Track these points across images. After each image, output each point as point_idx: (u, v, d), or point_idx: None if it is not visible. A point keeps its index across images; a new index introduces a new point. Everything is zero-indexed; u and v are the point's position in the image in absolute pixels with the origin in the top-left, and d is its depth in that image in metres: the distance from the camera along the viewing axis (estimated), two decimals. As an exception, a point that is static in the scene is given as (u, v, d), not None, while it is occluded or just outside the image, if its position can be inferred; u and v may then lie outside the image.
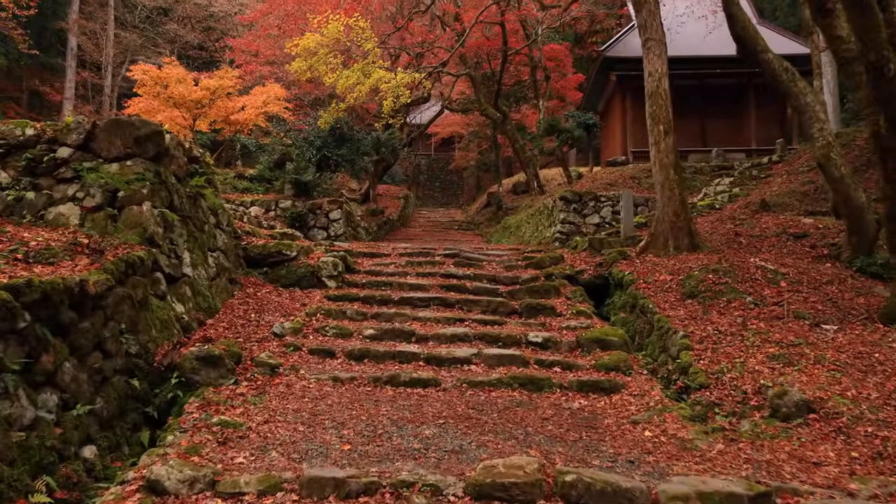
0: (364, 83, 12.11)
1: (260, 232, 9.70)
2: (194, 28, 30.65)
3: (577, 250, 11.01)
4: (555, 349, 6.99)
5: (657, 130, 9.91)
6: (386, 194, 28.13)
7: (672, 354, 7.13)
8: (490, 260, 10.47)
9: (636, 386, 6.21)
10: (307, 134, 17.41)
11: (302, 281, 8.79)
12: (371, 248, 11.41)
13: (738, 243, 9.70)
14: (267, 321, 7.42)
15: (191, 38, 29.97)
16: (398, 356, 6.55)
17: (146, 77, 14.17)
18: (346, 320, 7.61)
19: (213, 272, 7.69)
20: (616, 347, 7.02)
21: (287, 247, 8.92)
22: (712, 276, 8.44)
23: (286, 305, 8.04)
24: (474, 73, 20.62)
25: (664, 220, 9.71)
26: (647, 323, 8.03)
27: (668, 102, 10.02)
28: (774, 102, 20.01)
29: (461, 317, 7.72)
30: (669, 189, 9.67)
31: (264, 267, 8.84)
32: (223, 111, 14.70)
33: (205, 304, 7.13)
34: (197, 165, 7.84)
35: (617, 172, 15.96)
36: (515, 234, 17.99)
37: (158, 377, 5.67)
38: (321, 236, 13.75)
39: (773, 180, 13.73)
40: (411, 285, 8.83)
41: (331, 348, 6.64)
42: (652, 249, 9.78)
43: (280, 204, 14.03)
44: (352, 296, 8.32)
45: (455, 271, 9.50)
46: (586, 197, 13.92)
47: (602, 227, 13.79)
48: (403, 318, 7.65)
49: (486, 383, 5.99)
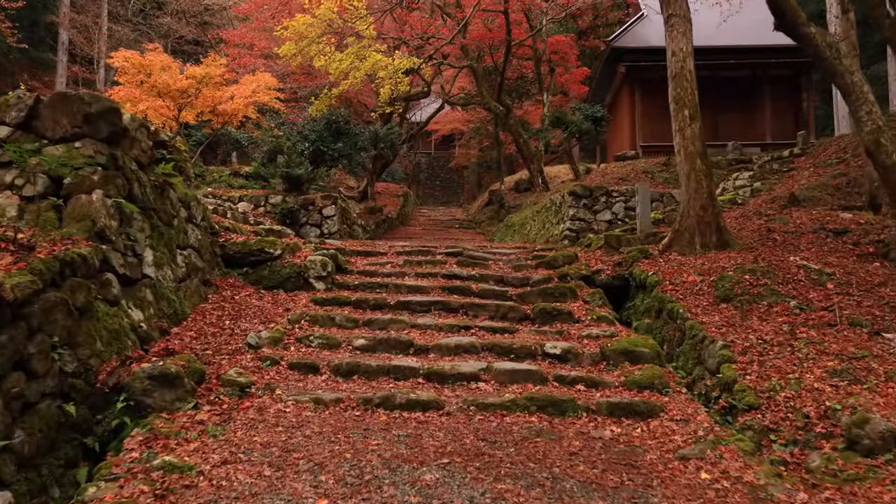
0: (359, 68, 11.07)
1: (242, 228, 8.66)
2: (189, 23, 29.60)
3: (591, 248, 9.96)
4: (576, 362, 5.94)
5: (682, 116, 8.86)
6: (385, 192, 27.08)
7: (710, 367, 6.09)
8: (496, 259, 9.42)
9: (677, 408, 5.16)
10: (301, 127, 16.36)
11: (287, 282, 7.74)
12: (366, 246, 10.36)
13: (773, 240, 8.66)
14: (243, 329, 6.37)
15: (185, 33, 28.90)
16: (393, 372, 5.50)
17: (127, 64, 13.12)
18: (335, 328, 6.56)
19: (182, 273, 6.64)
20: (647, 360, 5.97)
21: (270, 244, 7.87)
22: (749, 277, 7.39)
23: (267, 310, 6.99)
24: (476, 66, 19.57)
25: (690, 215, 8.66)
26: (678, 330, 6.99)
27: (694, 84, 8.97)
28: (790, 95, 18.97)
29: (466, 323, 6.67)
30: (696, 180, 8.62)
31: (244, 267, 7.80)
32: (210, 101, 13.64)
33: (170, 309, 6.08)
34: (165, 151, 6.78)
35: (628, 167, 14.94)
36: (520, 232, 16.93)
37: (102, 400, 4.63)
38: (314, 234, 12.71)
39: (798, 174, 12.68)
40: (410, 287, 7.79)
41: (314, 362, 5.59)
42: (676, 247, 8.73)
43: (270, 199, 12.98)
44: (342, 299, 7.27)
45: (458, 271, 8.46)
46: (597, 192, 12.87)
47: (614, 224, 12.74)
48: (400, 325, 6.60)
49: (498, 406, 4.94)
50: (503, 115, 19.65)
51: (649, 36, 18.73)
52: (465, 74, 27.39)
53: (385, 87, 11.83)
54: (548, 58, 21.28)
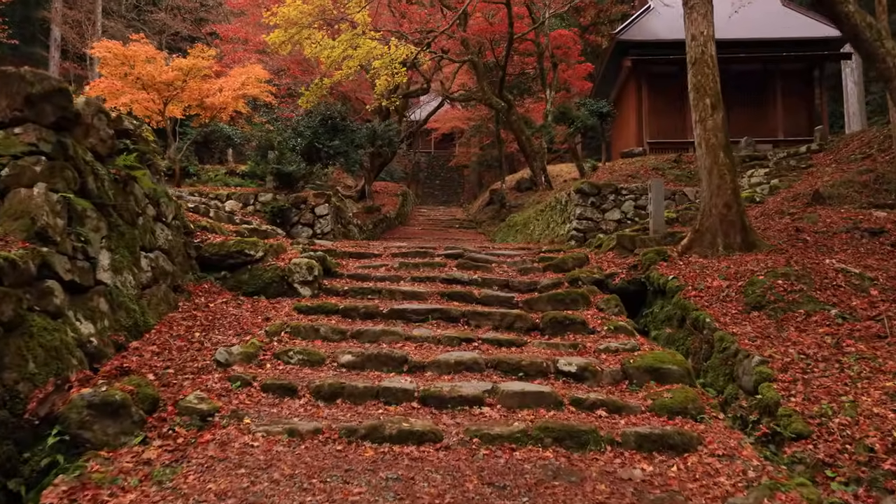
0: (353, 57, 10.27)
1: (223, 228, 7.85)
2: (184, 19, 28.78)
3: (602, 250, 9.15)
4: (594, 382, 5.13)
5: (703, 105, 8.05)
6: (383, 191, 26.26)
7: (746, 386, 5.29)
8: (500, 261, 8.61)
9: (716, 440, 4.34)
10: (295, 123, 15.56)
11: (268, 288, 6.92)
12: (360, 247, 9.55)
13: (803, 241, 7.84)
14: (215, 342, 5.56)
15: (181, 29, 28.07)
16: (384, 394, 4.69)
17: (109, 55, 12.30)
18: (319, 340, 5.74)
19: (147, 278, 5.82)
20: (676, 379, 5.16)
21: (251, 245, 7.05)
22: (782, 282, 6.59)
23: (245, 320, 6.17)
24: (477, 60, 18.75)
25: (712, 214, 7.85)
26: (705, 342, 6.18)
27: (716, 71, 8.16)
28: (802, 90, 18.16)
29: (468, 335, 5.85)
30: (719, 175, 7.81)
31: (222, 270, 6.99)
32: (197, 94, 12.81)
33: (129, 320, 5.27)
34: (129, 141, 5.97)
35: (637, 163, 14.15)
36: (522, 232, 16.12)
37: (32, 434, 3.82)
38: (306, 234, 11.91)
39: (819, 170, 11.86)
40: (405, 293, 6.97)
41: (292, 383, 4.78)
42: (697, 248, 7.92)
43: (260, 198, 12.17)
44: (329, 307, 6.45)
45: (459, 275, 7.65)
46: (605, 189, 12.06)
47: (623, 224, 11.94)
48: (393, 337, 5.78)
49: (506, 437, 4.13)
50: (505, 110, 18.84)
51: (656, 28, 17.92)
52: (466, 71, 26.58)
53: (381, 79, 11.03)
54: (551, 52, 20.46)
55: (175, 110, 13.51)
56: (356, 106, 26.29)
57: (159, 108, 12.92)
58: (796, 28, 17.72)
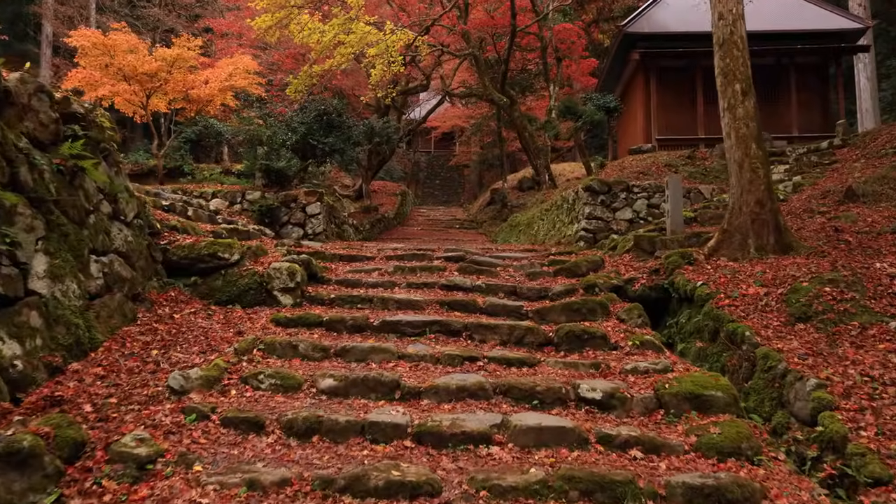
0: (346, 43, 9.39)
1: (197, 227, 6.97)
2: (180, 16, 27.89)
3: (617, 252, 8.27)
4: (623, 411, 4.25)
5: (731, 91, 7.17)
6: (382, 191, 25.39)
7: (800, 414, 4.43)
8: (506, 265, 7.73)
9: (783, 491, 3.46)
10: (289, 119, 14.69)
11: (244, 296, 6.04)
12: (352, 249, 8.67)
13: (845, 243, 6.96)
14: (175, 362, 4.68)
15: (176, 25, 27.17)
16: (370, 430, 3.81)
17: (87, 44, 11.42)
18: (297, 359, 4.86)
19: (97, 286, 4.94)
20: (720, 408, 4.28)
21: (224, 248, 6.17)
22: (830, 290, 5.71)
23: (214, 334, 5.29)
24: (478, 54, 17.87)
25: (743, 212, 6.98)
26: (744, 359, 5.30)
27: (746, 53, 7.29)
28: (816, 85, 17.28)
29: (471, 353, 4.97)
30: (751, 169, 6.93)
31: (192, 276, 6.11)
32: (181, 86, 11.93)
33: (69, 338, 4.38)
34: (78, 127, 5.09)
35: (648, 160, 13.28)
36: (526, 232, 15.25)
37: (-86, 492, 2.95)
38: (296, 235, 11.04)
39: (845, 166, 10.99)
40: (400, 302, 6.08)
41: (260, 416, 3.89)
42: (725, 250, 7.05)
43: (247, 196, 11.30)
44: (311, 319, 5.56)
45: (460, 281, 6.76)
46: (616, 187, 11.18)
47: (635, 223, 11.07)
48: (384, 356, 4.90)
49: (521, 490, 3.25)
50: (507, 106, 17.96)
51: (666, 20, 17.04)
52: (466, 68, 25.70)
53: (377, 68, 10.16)
54: (555, 47, 19.57)
55: (159, 104, 12.62)
56: (354, 103, 25.42)
57: (141, 101, 12.03)
58: (811, 20, 16.84)
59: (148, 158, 23.78)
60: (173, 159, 22.16)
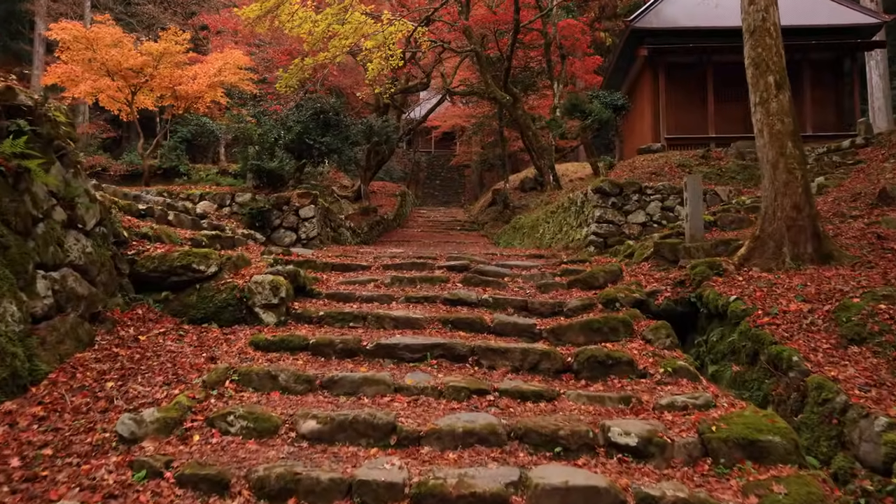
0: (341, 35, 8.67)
1: (175, 234, 6.23)
2: (176, 13, 27.13)
3: (634, 260, 7.54)
4: (663, 461, 3.51)
5: (764, 83, 6.45)
6: (381, 191, 24.66)
7: (868, 459, 3.73)
8: (514, 274, 6.99)
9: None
10: (284, 117, 13.97)
11: (222, 313, 5.32)
12: (346, 257, 7.94)
13: (891, 251, 6.23)
14: (133, 396, 3.96)
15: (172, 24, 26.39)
16: (359, 491, 3.07)
17: (68, 37, 10.69)
18: (276, 392, 4.13)
19: (45, 306, 4.21)
20: (780, 457, 3.55)
21: (200, 258, 5.44)
22: (886, 307, 4.98)
23: (183, 361, 4.56)
24: (480, 51, 17.13)
25: (777, 217, 6.25)
26: (793, 389, 4.57)
27: (780, 42, 6.57)
28: (831, 82, 16.55)
29: (480, 385, 4.23)
30: (787, 170, 6.20)
31: (163, 290, 5.38)
32: (168, 81, 11.19)
33: (4, 370, 3.65)
34: (24, 122, 4.35)
35: (660, 160, 12.55)
36: (531, 235, 14.52)
37: None
38: (289, 239, 10.32)
39: (873, 167, 10.26)
40: (397, 320, 5.34)
41: (224, 472, 3.16)
42: (757, 259, 6.32)
43: (237, 198, 10.57)
44: (295, 342, 4.83)
45: (465, 294, 6.02)
46: (628, 189, 10.45)
47: (648, 227, 10.34)
48: (378, 388, 4.16)
49: (548, 580, 2.52)
50: (510, 105, 17.23)
51: (676, 15, 16.30)
52: (467, 66, 24.97)
53: (374, 62, 9.44)
54: (559, 44, 18.83)
55: (146, 101, 11.88)
56: (353, 102, 24.69)
57: (127, 98, 11.30)
58: (825, 14, 16.10)
59: (143, 159, 23.10)
60: (169, 159, 21.41)
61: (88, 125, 24.26)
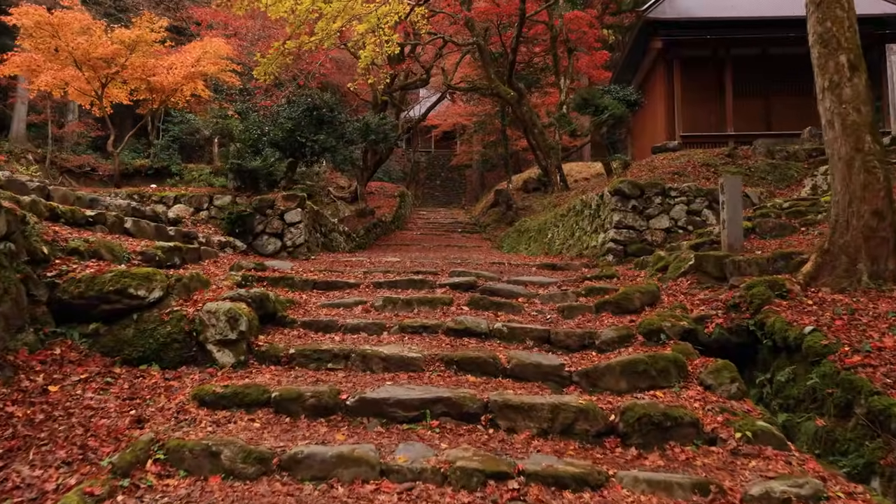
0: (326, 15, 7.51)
1: (119, 248, 5.03)
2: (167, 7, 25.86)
3: (669, 275, 6.34)
4: None
5: (834, 65, 5.27)
6: (379, 192, 23.44)
7: None
8: (529, 294, 5.80)
9: None
10: (275, 113, 12.78)
11: (166, 350, 4.12)
12: (331, 271, 6.73)
13: None
14: (18, 483, 2.77)
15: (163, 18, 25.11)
16: None
17: (29, 23, 9.49)
18: (216, 478, 2.91)
19: None
20: None
21: (140, 281, 4.24)
22: None
23: (101, 423, 3.37)
24: (483, 43, 15.95)
25: (852, 226, 5.06)
26: (912, 459, 3.38)
27: (853, 15, 5.42)
28: (856, 76, 15.30)
29: (498, 465, 3.03)
30: (865, 169, 5.01)
31: (92, 321, 4.18)
32: (140, 72, 9.99)
33: None
34: None
35: (682, 158, 11.35)
36: (538, 240, 13.32)
37: None
38: (273, 247, 9.13)
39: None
40: (388, 360, 4.15)
41: None
42: (827, 278, 5.13)
43: (216, 201, 9.38)
44: (253, 394, 3.62)
45: (473, 322, 4.82)
46: (650, 190, 9.26)
47: (673, 233, 9.15)
48: (358, 471, 2.96)
49: None
50: (515, 101, 16.04)
51: (690, 6, 15.09)
52: (469, 63, 23.73)
53: (367, 49, 8.27)
54: (565, 37, 17.63)
55: (119, 94, 10.67)
56: (351, 101, 23.47)
57: (96, 91, 10.09)
58: (852, 5, 14.86)
59: (133, 158, 21.81)
60: (160, 159, 20.26)
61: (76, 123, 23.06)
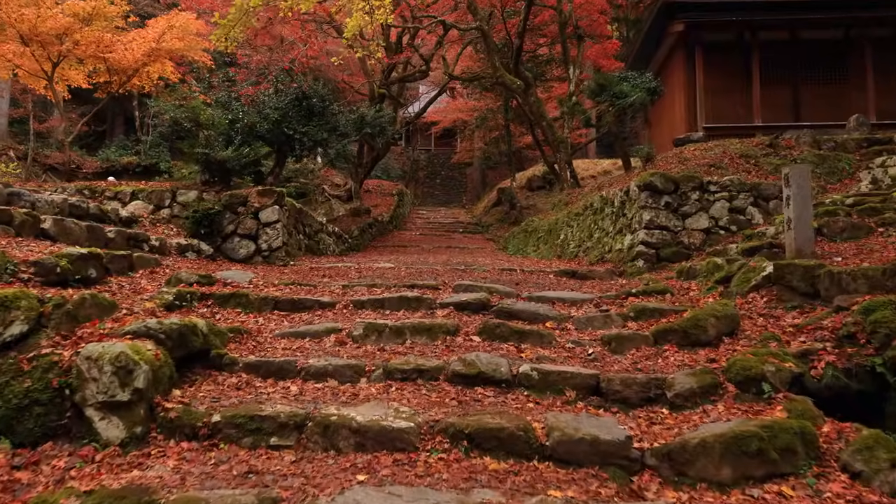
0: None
1: (3, 256, 3.57)
2: (158, 0, 24.31)
3: (734, 288, 4.85)
4: None
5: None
6: (377, 190, 21.95)
7: None
8: (560, 316, 4.31)
9: None
10: (261, 103, 11.31)
11: (25, 417, 2.62)
12: (301, 285, 5.22)
13: None
14: None
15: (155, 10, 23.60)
16: None
17: (-36, -9, 8.00)
18: None
19: None
20: None
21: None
22: None
23: None
24: (486, 29, 14.45)
25: None
26: None
27: None
28: None
29: None
30: None
31: (-88, 374, 2.69)
32: (94, 48, 8.49)
33: None
34: None
35: (715, 149, 9.80)
36: (548, 241, 11.84)
37: None
38: (245, 251, 7.66)
39: None
40: (363, 432, 2.65)
41: None
42: (975, 299, 3.64)
43: (179, 198, 7.90)
44: None
45: (488, 363, 3.33)
46: (686, 185, 7.78)
47: (713, 235, 7.66)
48: None
49: None
50: (522, 91, 14.55)
51: (714, -15, 13.57)
52: (470, 55, 22.24)
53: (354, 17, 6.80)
54: (575, 23, 16.13)
55: (75, 75, 9.17)
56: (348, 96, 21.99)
57: (45, 70, 8.59)
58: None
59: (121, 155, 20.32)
60: (149, 156, 18.91)
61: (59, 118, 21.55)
